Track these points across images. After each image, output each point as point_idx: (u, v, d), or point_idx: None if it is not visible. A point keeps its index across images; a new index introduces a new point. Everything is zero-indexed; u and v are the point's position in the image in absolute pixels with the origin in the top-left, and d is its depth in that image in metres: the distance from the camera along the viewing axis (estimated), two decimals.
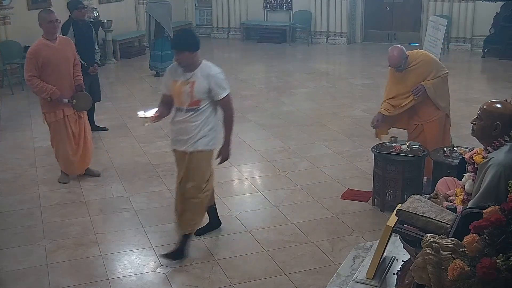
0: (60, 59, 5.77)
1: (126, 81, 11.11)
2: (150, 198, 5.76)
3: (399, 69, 5.50)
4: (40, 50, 5.69)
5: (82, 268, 4.49)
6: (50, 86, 5.69)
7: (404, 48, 5.51)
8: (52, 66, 5.71)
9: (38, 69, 5.66)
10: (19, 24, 10.67)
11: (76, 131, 6.04)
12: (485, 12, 12.87)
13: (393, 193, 5.29)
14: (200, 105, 4.39)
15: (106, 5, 13.07)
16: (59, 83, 5.75)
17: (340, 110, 8.82)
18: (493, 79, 11.18)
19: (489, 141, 3.32)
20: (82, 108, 6.04)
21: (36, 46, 5.75)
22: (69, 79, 5.89)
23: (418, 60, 5.49)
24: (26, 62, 5.73)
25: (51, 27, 5.77)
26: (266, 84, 10.77)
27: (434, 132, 5.60)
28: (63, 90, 5.80)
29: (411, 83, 5.49)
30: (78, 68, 6.03)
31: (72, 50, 5.99)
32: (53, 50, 5.74)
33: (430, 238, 2.58)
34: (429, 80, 5.47)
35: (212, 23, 16.02)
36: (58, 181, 6.13)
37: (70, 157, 6.03)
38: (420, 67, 5.49)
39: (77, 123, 6.05)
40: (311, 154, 6.86)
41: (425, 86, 5.43)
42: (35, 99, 9.63)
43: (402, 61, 5.44)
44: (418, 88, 5.45)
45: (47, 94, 5.71)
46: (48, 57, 5.69)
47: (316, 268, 4.42)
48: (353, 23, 14.76)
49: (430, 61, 5.58)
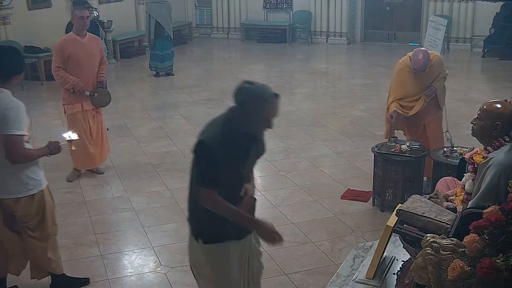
0: (85, 55, 5.92)
1: (126, 81, 11.11)
2: (150, 198, 5.76)
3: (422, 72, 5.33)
4: (67, 44, 5.88)
5: (82, 268, 4.49)
6: (74, 77, 5.86)
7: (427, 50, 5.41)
8: (76, 60, 5.89)
9: (64, 62, 5.84)
10: (19, 24, 10.68)
11: (94, 127, 6.18)
12: (485, 12, 12.87)
13: (393, 193, 5.30)
14: None
15: (106, 5, 13.06)
16: (81, 77, 5.90)
17: (340, 110, 8.82)
18: (493, 79, 11.18)
19: (489, 141, 3.32)
20: (101, 103, 6.17)
21: (64, 39, 5.97)
22: (92, 75, 6.03)
23: (433, 62, 5.37)
24: (54, 54, 5.98)
25: (81, 23, 5.92)
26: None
27: (436, 132, 5.61)
28: (85, 84, 5.95)
29: (423, 84, 5.40)
30: (103, 67, 6.18)
31: (99, 48, 6.15)
32: (80, 45, 5.91)
33: (430, 238, 2.58)
34: (437, 81, 5.44)
35: (212, 23, 16.01)
36: (68, 179, 6.19)
37: (89, 150, 6.13)
38: (434, 68, 5.40)
39: (95, 119, 6.20)
40: (311, 154, 6.86)
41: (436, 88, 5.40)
42: (35, 99, 9.67)
43: (427, 65, 5.29)
44: (431, 90, 5.39)
45: (70, 85, 5.89)
46: (74, 51, 5.89)
47: (316, 268, 4.42)
48: (353, 23, 14.76)
49: (441, 62, 5.52)
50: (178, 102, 9.47)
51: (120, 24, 13.12)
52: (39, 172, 3.89)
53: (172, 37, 11.18)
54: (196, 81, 10.93)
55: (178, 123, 8.26)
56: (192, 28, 15.94)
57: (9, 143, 3.62)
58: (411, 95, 5.47)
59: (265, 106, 2.89)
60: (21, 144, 3.66)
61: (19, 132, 3.63)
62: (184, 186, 6.00)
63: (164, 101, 9.53)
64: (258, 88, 2.91)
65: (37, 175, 3.86)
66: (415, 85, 5.43)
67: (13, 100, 3.73)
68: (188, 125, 8.13)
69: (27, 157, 3.74)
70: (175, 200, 5.66)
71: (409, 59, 5.40)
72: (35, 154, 3.83)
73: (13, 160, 3.66)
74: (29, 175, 3.80)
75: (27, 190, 3.81)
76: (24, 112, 3.73)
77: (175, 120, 8.43)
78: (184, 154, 6.85)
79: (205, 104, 9.18)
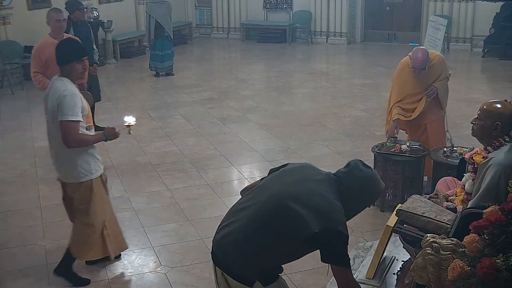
0: None
1: (126, 81, 11.11)
2: (150, 198, 5.76)
3: (422, 71, 5.32)
4: (44, 48, 5.80)
5: (82, 268, 4.49)
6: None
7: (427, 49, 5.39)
8: (54, 63, 5.75)
9: (42, 66, 5.79)
10: (19, 24, 10.69)
11: None
12: (485, 12, 12.87)
13: (393, 193, 5.29)
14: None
15: (106, 5, 13.07)
16: None
17: (340, 110, 8.82)
18: (493, 79, 11.18)
19: (489, 141, 3.32)
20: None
21: (41, 43, 5.90)
22: None
23: (434, 61, 5.38)
24: (32, 58, 5.88)
25: (58, 25, 5.89)
26: (266, 84, 10.76)
27: (437, 131, 5.60)
28: None
29: (424, 84, 5.40)
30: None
31: None
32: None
33: (430, 238, 2.58)
34: (439, 81, 5.43)
35: (212, 23, 16.02)
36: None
37: None
38: (435, 68, 5.40)
39: None
40: (311, 154, 6.86)
41: (437, 87, 5.40)
42: (35, 99, 9.67)
43: (427, 64, 5.27)
44: (432, 90, 5.38)
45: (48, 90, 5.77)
46: (51, 54, 5.73)
47: (316, 268, 4.41)
48: (353, 23, 14.76)
49: (443, 62, 5.51)
50: (178, 102, 9.47)
51: (120, 24, 13.13)
52: (92, 162, 4.09)
53: (172, 37, 11.18)
54: (196, 81, 10.93)
55: (178, 123, 8.26)
56: (192, 28, 15.94)
57: (65, 128, 3.87)
58: (412, 95, 5.47)
59: (374, 200, 2.86)
60: (75, 129, 3.89)
61: (74, 118, 3.86)
62: (184, 186, 6.05)
63: (164, 101, 9.53)
64: (376, 179, 2.80)
65: (89, 165, 4.07)
66: (415, 85, 5.43)
67: (69, 87, 3.94)
68: (188, 125, 8.13)
69: (82, 142, 3.97)
70: (175, 200, 5.66)
71: (409, 58, 5.41)
72: (90, 139, 4.04)
73: (68, 144, 3.92)
74: (81, 164, 4.03)
75: (76, 177, 4.06)
76: (79, 99, 3.94)
77: (175, 120, 8.43)
78: (184, 154, 6.85)
79: (205, 104, 9.18)
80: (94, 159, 4.12)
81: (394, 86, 5.65)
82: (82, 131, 3.96)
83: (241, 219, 2.74)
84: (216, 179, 6.17)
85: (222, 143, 7.20)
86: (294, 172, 2.89)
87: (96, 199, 4.16)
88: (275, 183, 2.82)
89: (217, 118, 8.43)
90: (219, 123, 8.16)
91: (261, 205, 2.72)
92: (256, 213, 2.71)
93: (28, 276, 4.39)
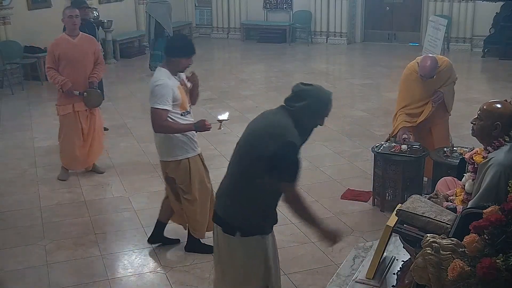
0: (76, 55, 5.93)
1: (126, 81, 11.12)
2: (150, 198, 5.76)
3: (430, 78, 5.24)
4: (58, 44, 5.94)
5: (82, 268, 4.49)
6: (63, 77, 5.88)
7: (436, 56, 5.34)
8: (67, 60, 5.92)
9: (55, 62, 5.91)
10: (19, 24, 10.69)
11: (86, 128, 6.16)
12: (485, 12, 12.87)
13: (393, 193, 5.29)
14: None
15: (106, 5, 13.07)
16: (72, 77, 5.91)
17: (340, 110, 8.81)
18: (493, 79, 11.18)
19: (489, 141, 3.32)
20: (92, 104, 6.13)
21: (56, 40, 6.04)
22: (84, 75, 6.01)
23: (441, 67, 5.31)
24: (47, 54, 6.08)
25: (70, 22, 5.95)
26: (266, 84, 10.77)
27: (442, 134, 5.56)
28: (76, 85, 5.94)
29: (430, 89, 5.32)
30: (99, 67, 6.15)
31: (93, 48, 6.14)
32: (71, 45, 5.93)
33: (430, 238, 2.58)
34: (445, 86, 5.37)
35: (212, 23, 16.02)
36: (58, 178, 6.17)
37: (76, 151, 6.13)
38: (443, 73, 5.34)
39: (88, 120, 6.18)
40: (311, 154, 6.85)
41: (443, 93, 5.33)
42: (35, 99, 9.68)
43: (435, 72, 5.20)
44: (438, 96, 5.31)
45: (59, 85, 5.92)
46: (65, 51, 5.93)
47: (316, 268, 4.42)
48: (353, 23, 14.76)
49: (451, 67, 5.44)
50: None
51: (120, 24, 13.13)
52: (188, 142, 4.35)
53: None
54: None
55: None
56: (192, 28, 15.94)
57: (152, 114, 4.18)
58: (418, 100, 5.38)
59: (328, 107, 3.12)
60: (162, 116, 4.16)
61: (161, 107, 4.14)
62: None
63: None
64: (320, 90, 3.13)
65: (185, 144, 4.35)
66: (422, 90, 5.34)
67: (162, 78, 4.21)
68: None
69: (168, 128, 4.24)
70: None
71: (417, 64, 5.31)
72: (178, 127, 4.27)
73: (154, 129, 4.26)
74: (177, 144, 4.32)
75: (174, 156, 4.36)
76: (170, 90, 4.18)
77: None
78: None
79: (205, 104, 9.17)
80: (191, 140, 4.37)
81: (399, 89, 5.57)
82: (175, 118, 4.22)
83: (228, 175, 3.21)
84: (216, 179, 6.09)
85: (222, 143, 7.19)
86: (255, 121, 3.22)
87: (194, 176, 4.41)
88: (243, 135, 3.19)
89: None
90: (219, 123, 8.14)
91: (235, 155, 3.17)
92: (233, 163, 3.16)
93: (28, 276, 4.39)
